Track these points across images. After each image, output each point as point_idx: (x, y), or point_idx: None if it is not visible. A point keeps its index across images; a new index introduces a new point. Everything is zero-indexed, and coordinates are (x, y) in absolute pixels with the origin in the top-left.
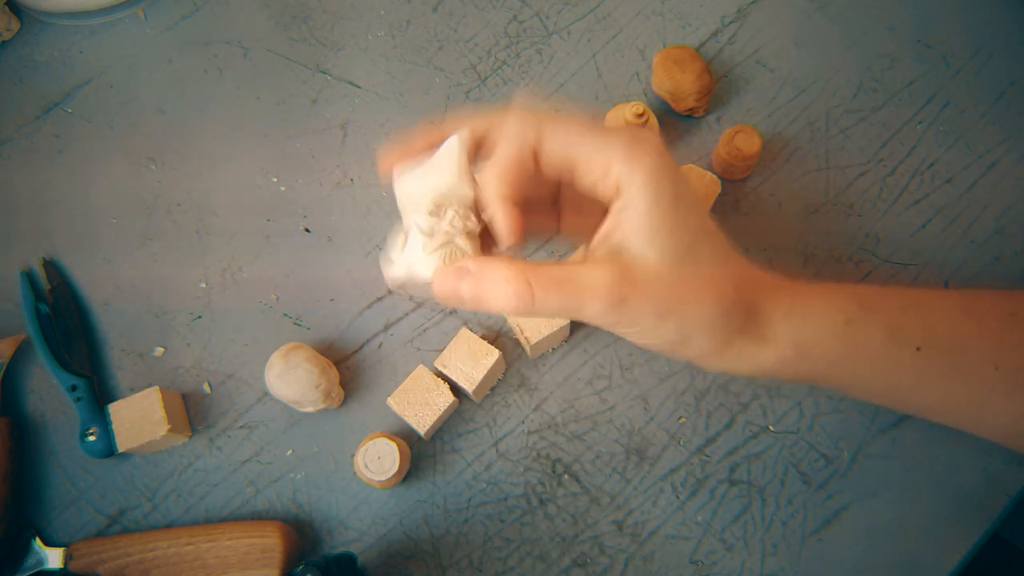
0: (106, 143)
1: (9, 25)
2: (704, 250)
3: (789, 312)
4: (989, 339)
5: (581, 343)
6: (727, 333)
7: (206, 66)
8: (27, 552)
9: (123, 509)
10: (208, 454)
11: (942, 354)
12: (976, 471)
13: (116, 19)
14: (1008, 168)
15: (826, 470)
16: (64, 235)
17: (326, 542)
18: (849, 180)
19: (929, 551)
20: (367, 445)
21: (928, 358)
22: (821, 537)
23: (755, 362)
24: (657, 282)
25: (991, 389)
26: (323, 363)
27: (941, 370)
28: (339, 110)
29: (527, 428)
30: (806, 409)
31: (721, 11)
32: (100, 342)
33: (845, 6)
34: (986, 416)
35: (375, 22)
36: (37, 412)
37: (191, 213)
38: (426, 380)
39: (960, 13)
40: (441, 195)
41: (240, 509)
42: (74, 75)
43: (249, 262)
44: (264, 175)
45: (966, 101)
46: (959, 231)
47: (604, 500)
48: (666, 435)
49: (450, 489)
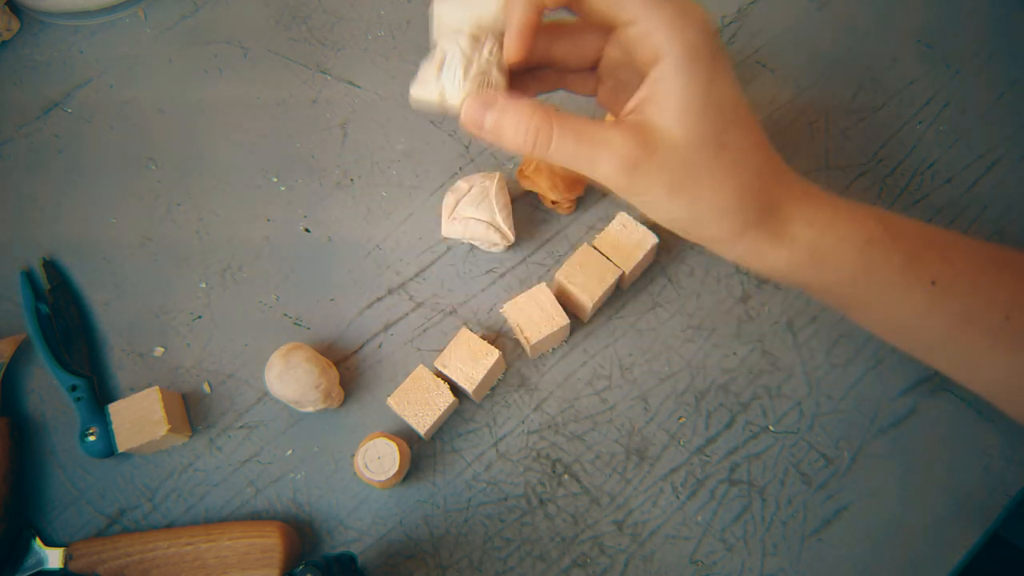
0: (106, 143)
1: (9, 25)
2: (733, 135)
3: (812, 218)
4: (1005, 289)
5: (581, 343)
6: (740, 223)
7: (206, 66)
8: (27, 552)
9: (123, 509)
10: (208, 454)
11: (955, 293)
12: (976, 471)
13: (116, 19)
14: (1008, 168)
15: (826, 470)
16: (64, 235)
17: (326, 542)
18: (849, 180)
19: (929, 551)
20: (367, 445)
21: (941, 294)
22: (821, 537)
23: (767, 259)
24: (675, 156)
25: (995, 339)
26: (323, 363)
27: (951, 309)
28: (339, 110)
29: (527, 428)
30: (806, 409)
31: (721, 11)
32: (100, 342)
33: (845, 6)
34: (983, 367)
35: (375, 22)
36: (37, 412)
37: (191, 213)
38: (426, 380)
39: (960, 13)
40: (481, 26)
41: (240, 509)
42: (74, 75)
43: (249, 262)
44: (264, 175)
45: (966, 101)
46: (959, 231)
47: (604, 500)
48: (666, 435)
49: (450, 489)
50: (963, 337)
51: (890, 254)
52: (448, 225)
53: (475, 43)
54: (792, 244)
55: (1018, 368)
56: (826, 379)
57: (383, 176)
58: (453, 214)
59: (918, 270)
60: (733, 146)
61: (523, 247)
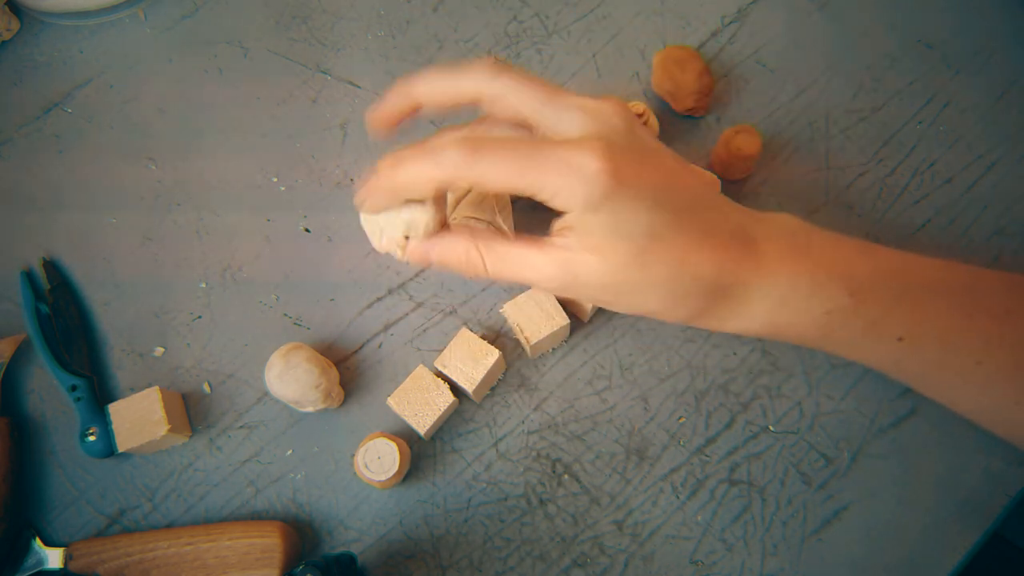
0: (106, 143)
1: (9, 25)
2: (655, 252)
3: (767, 295)
4: (976, 336)
5: (581, 343)
6: (686, 315)
7: (206, 66)
8: (27, 552)
9: (123, 509)
10: (208, 454)
11: (923, 345)
12: (976, 471)
13: (116, 19)
14: (1008, 168)
15: (826, 470)
16: (64, 235)
17: (326, 542)
18: (849, 180)
19: (929, 551)
20: (367, 445)
21: (908, 348)
22: (821, 537)
23: (727, 328)
24: (600, 280)
25: (967, 380)
26: (323, 363)
27: (920, 358)
28: (339, 110)
29: (527, 428)
30: (806, 409)
31: (721, 11)
32: (100, 342)
33: (845, 6)
34: (960, 400)
35: (375, 22)
36: (37, 412)
37: (191, 213)
38: (426, 380)
39: (960, 13)
40: (413, 229)
41: (240, 509)
42: (74, 75)
43: (249, 262)
44: (264, 175)
45: (966, 101)
46: (959, 231)
47: (604, 500)
48: (666, 435)
49: (450, 489)
50: (935, 378)
51: (850, 321)
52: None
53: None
54: (748, 319)
55: (994, 404)
56: (826, 379)
57: None
58: (453, 214)
59: (882, 330)
60: (657, 263)
61: None
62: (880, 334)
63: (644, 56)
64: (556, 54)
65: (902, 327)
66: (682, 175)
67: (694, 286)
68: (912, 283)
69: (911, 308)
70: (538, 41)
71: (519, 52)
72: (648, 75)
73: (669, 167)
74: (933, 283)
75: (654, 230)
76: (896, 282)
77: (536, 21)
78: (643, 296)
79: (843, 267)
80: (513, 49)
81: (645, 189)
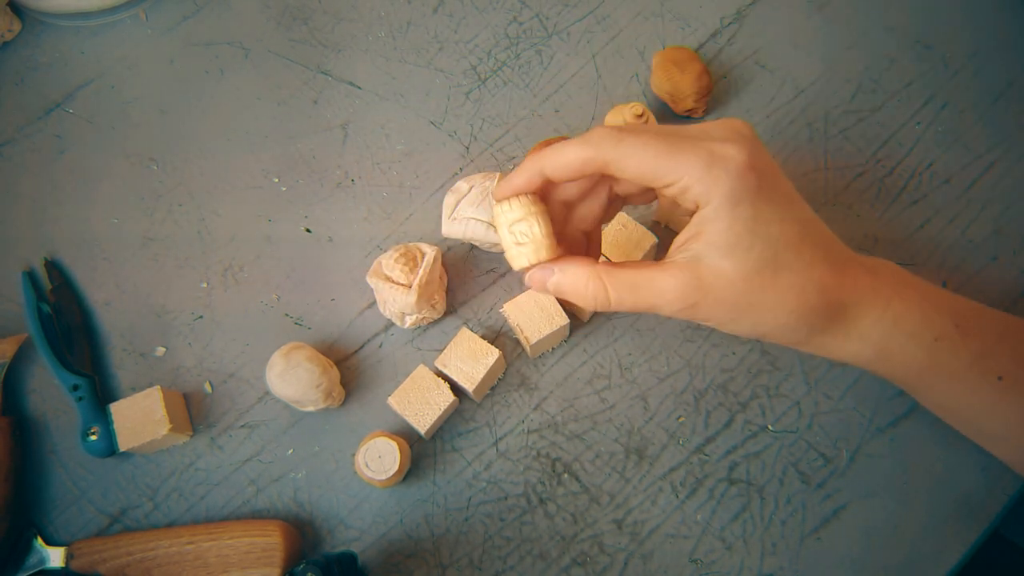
0: (108, 144)
1: (11, 26)
2: (786, 261)
3: (880, 317)
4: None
5: (581, 343)
6: (805, 334)
7: (207, 67)
8: (29, 551)
9: (124, 508)
10: (209, 453)
11: (1022, 390)
12: (976, 471)
13: (117, 20)
14: (1006, 168)
15: (825, 469)
16: (66, 235)
17: (327, 541)
18: (848, 180)
19: (928, 550)
20: (368, 444)
21: (1008, 390)
22: (820, 536)
23: (835, 354)
24: (730, 291)
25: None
26: (324, 363)
27: (1017, 404)
28: (340, 111)
29: (527, 427)
30: (805, 409)
31: (720, 12)
32: (102, 342)
33: (844, 7)
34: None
35: (376, 23)
36: (39, 412)
37: (192, 213)
38: (426, 380)
39: (959, 14)
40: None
41: (241, 508)
42: (76, 76)
43: (250, 262)
44: (265, 175)
45: (964, 102)
46: (957, 231)
47: (604, 499)
48: (665, 434)
49: (450, 488)
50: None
51: (959, 351)
52: (448, 225)
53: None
54: (860, 341)
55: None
56: (825, 378)
57: (383, 176)
58: (453, 214)
59: (985, 366)
60: (787, 271)
61: None
62: (984, 369)
63: (643, 57)
64: (556, 55)
65: (1004, 366)
66: (796, 192)
67: (818, 300)
68: (1013, 324)
69: (1014, 345)
70: (538, 42)
71: (519, 53)
72: (647, 76)
73: (788, 183)
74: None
75: (787, 238)
76: (998, 321)
77: (536, 22)
78: (770, 310)
79: (947, 301)
80: (513, 50)
81: (780, 196)
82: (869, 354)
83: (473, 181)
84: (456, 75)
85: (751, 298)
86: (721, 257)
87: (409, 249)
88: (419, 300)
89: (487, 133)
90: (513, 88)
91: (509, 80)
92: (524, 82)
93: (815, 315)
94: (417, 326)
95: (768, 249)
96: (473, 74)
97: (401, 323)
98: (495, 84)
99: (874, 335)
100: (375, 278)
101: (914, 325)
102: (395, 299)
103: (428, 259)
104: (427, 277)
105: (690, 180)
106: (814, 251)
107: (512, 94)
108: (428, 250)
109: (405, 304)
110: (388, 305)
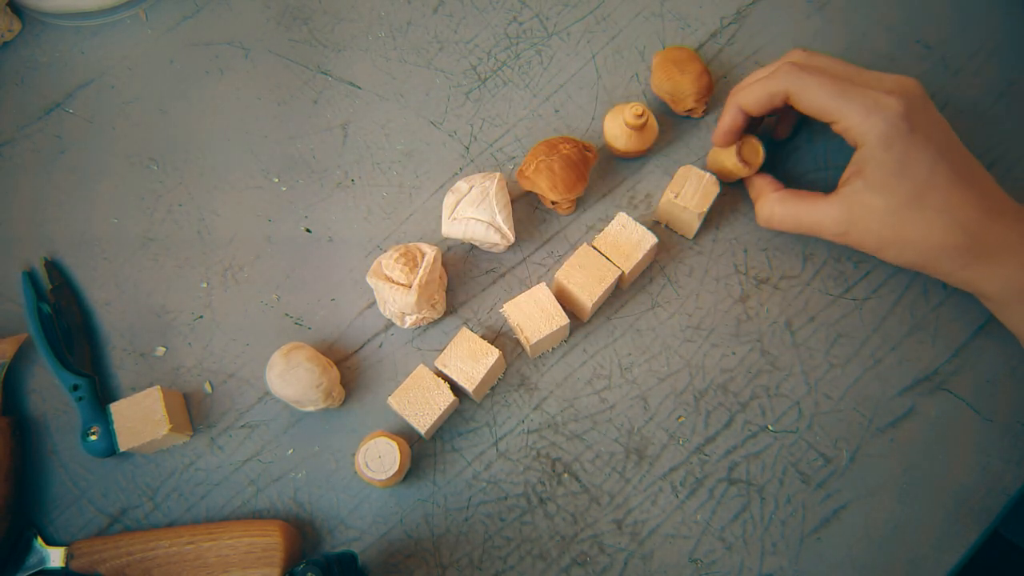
0: (108, 144)
1: (11, 26)
2: (932, 200)
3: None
4: None
5: (581, 343)
6: (947, 267)
7: (207, 67)
8: (29, 551)
9: (124, 508)
10: (209, 453)
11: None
12: (975, 470)
13: (117, 20)
14: (1007, 168)
15: (825, 469)
16: (66, 235)
17: (327, 541)
18: None
19: (928, 550)
20: (368, 444)
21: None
22: (820, 536)
23: (992, 282)
24: (876, 222)
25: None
26: (324, 363)
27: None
28: (340, 111)
29: (527, 427)
30: (805, 408)
31: (720, 12)
32: (102, 342)
33: (844, 6)
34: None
35: (376, 23)
36: (39, 412)
37: (192, 213)
38: (426, 380)
39: (959, 13)
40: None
41: (241, 508)
42: (76, 76)
43: (250, 262)
44: (265, 175)
45: (965, 101)
46: None
47: (604, 499)
48: (665, 434)
49: (450, 488)
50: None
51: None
52: (448, 225)
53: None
54: (1005, 282)
55: None
56: (825, 378)
57: (383, 176)
58: (453, 214)
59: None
60: (932, 210)
61: (523, 247)
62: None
63: (643, 57)
64: (556, 55)
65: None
66: (961, 145)
67: (963, 239)
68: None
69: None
70: (538, 42)
71: (519, 53)
72: (647, 76)
73: (951, 136)
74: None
75: (934, 178)
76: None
77: (536, 22)
78: (912, 243)
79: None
80: (513, 50)
81: (932, 142)
82: (1010, 297)
83: (473, 181)
84: (456, 75)
85: (896, 231)
86: (870, 192)
87: (409, 249)
88: (419, 300)
89: (487, 133)
90: (513, 88)
91: (509, 80)
92: (524, 82)
93: (959, 253)
94: (417, 326)
95: (915, 189)
96: (473, 74)
97: (401, 323)
98: (495, 84)
99: (1018, 281)
100: (375, 278)
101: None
102: (395, 299)
103: (428, 259)
104: (427, 277)
105: (851, 122)
106: (965, 195)
107: (512, 94)
108: (428, 250)
109: (405, 304)
110: (388, 305)
